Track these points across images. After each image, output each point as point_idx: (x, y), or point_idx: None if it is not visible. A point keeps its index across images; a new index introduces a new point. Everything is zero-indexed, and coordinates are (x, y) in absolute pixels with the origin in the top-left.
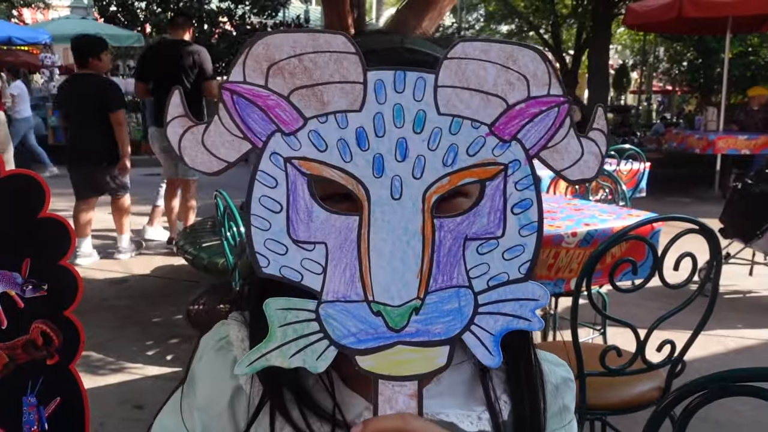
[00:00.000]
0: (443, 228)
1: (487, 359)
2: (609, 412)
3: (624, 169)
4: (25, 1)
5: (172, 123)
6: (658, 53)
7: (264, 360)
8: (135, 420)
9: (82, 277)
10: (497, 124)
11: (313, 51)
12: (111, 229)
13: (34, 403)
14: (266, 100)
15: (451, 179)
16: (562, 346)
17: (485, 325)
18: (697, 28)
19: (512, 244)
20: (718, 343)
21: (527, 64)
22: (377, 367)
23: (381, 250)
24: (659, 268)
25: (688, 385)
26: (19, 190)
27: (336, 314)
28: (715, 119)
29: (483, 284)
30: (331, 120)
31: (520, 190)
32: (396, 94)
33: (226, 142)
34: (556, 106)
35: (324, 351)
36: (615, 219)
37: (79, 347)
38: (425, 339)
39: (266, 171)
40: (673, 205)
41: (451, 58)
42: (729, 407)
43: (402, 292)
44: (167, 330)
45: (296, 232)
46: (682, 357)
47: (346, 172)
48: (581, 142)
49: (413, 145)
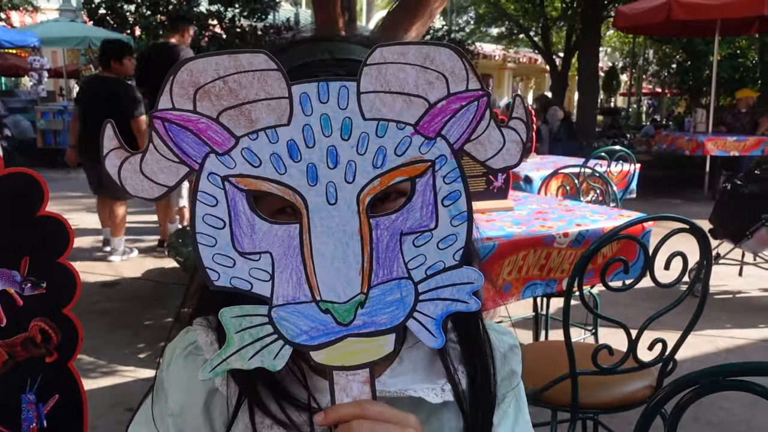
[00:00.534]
0: (379, 226)
1: (431, 341)
2: (601, 411)
3: (614, 170)
4: (13, 3)
5: (109, 155)
6: (647, 55)
7: (225, 364)
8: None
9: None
10: (421, 123)
11: (236, 71)
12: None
13: (33, 400)
14: (197, 124)
15: (382, 180)
16: (554, 346)
17: (427, 310)
18: (686, 30)
19: (445, 234)
20: (709, 342)
21: (444, 62)
22: (330, 360)
23: (323, 253)
24: (650, 268)
25: (680, 380)
26: (18, 188)
27: (288, 316)
28: (704, 121)
29: (421, 274)
30: (261, 136)
31: (448, 183)
32: (321, 104)
33: (163, 168)
34: (476, 100)
35: (280, 350)
36: (606, 219)
37: (78, 345)
38: (372, 330)
39: (205, 191)
40: (664, 206)
41: (371, 64)
42: (720, 406)
43: (347, 289)
44: (158, 333)
45: (241, 245)
46: (673, 355)
47: (282, 184)
48: (502, 132)
49: (343, 151)
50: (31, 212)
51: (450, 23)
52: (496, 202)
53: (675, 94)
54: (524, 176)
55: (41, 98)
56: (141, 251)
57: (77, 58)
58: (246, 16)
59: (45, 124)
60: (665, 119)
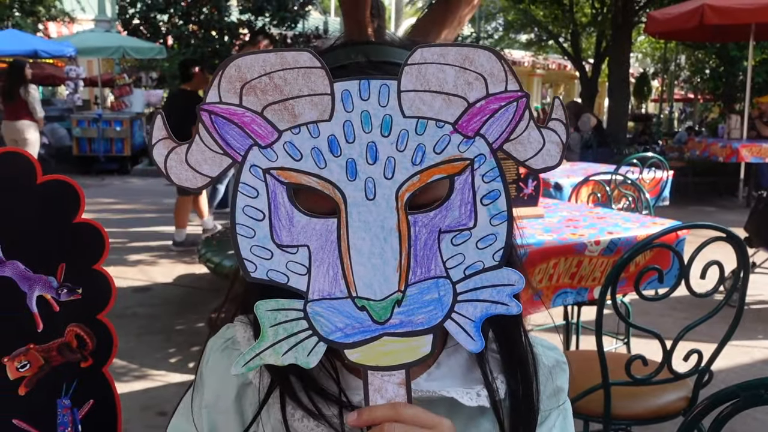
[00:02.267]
0: (418, 223)
1: (470, 344)
2: (634, 423)
3: (647, 177)
4: (51, 15)
5: (157, 145)
6: (679, 61)
7: (258, 359)
8: (158, 427)
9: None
10: (460, 122)
11: (282, 68)
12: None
13: (69, 405)
14: (242, 117)
15: (421, 177)
16: (586, 356)
17: (465, 312)
18: (720, 35)
19: (484, 234)
20: (744, 353)
21: (483, 63)
22: (365, 359)
23: (360, 249)
24: (686, 277)
25: (719, 393)
26: (55, 195)
27: (323, 311)
28: (739, 127)
29: (460, 273)
30: (303, 131)
31: (487, 182)
32: (362, 101)
33: (207, 159)
34: (515, 101)
35: (314, 347)
36: (639, 227)
37: (112, 351)
38: (409, 329)
39: (247, 183)
40: (697, 214)
41: (411, 64)
42: (748, 414)
43: (383, 286)
44: (190, 338)
45: (279, 237)
46: (709, 366)
47: (322, 178)
48: (542, 132)
49: (382, 147)
50: (67, 219)
51: (479, 30)
52: (526, 210)
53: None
54: (554, 183)
55: (77, 107)
56: (171, 257)
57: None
58: (276, 24)
59: (80, 132)
60: (698, 125)
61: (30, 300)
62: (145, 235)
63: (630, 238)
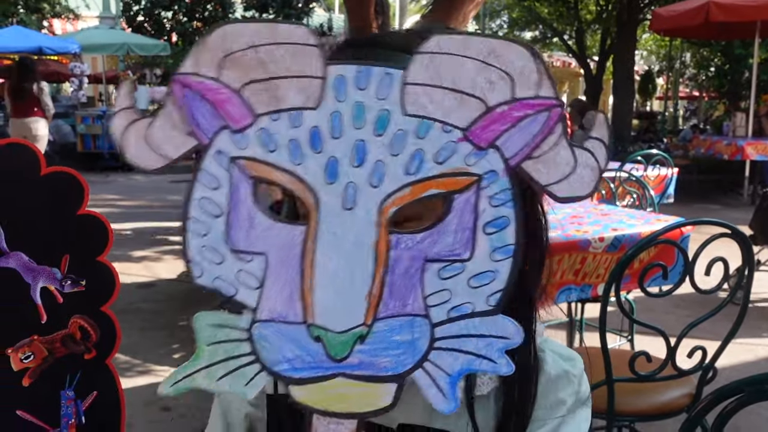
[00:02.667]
0: (400, 245)
1: (440, 403)
2: (638, 419)
3: (651, 174)
4: (55, 11)
5: (119, 114)
6: (684, 59)
7: (190, 380)
8: (162, 422)
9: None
10: (473, 128)
11: (271, 42)
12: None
13: (72, 396)
14: (216, 94)
15: (414, 190)
16: (589, 353)
17: (441, 363)
18: (725, 32)
19: (481, 270)
20: (748, 351)
21: (513, 60)
22: (311, 400)
23: (326, 266)
24: (690, 273)
25: (723, 388)
26: (59, 187)
27: (270, 336)
28: (744, 125)
29: (443, 314)
30: (283, 117)
31: (495, 206)
32: (358, 91)
33: (169, 138)
34: (546, 110)
35: (254, 377)
36: (643, 224)
37: (116, 342)
38: (370, 373)
39: (209, 170)
40: (702, 211)
41: (424, 52)
42: (752, 411)
43: (346, 316)
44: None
45: (235, 241)
46: (713, 363)
47: (295, 176)
48: (575, 153)
49: (373, 148)
50: (71, 211)
51: (483, 27)
52: None
53: (713, 97)
54: None
55: (81, 103)
56: (176, 254)
57: (116, 64)
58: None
59: (85, 128)
60: (703, 123)
61: (34, 291)
62: (149, 232)
63: (634, 234)
